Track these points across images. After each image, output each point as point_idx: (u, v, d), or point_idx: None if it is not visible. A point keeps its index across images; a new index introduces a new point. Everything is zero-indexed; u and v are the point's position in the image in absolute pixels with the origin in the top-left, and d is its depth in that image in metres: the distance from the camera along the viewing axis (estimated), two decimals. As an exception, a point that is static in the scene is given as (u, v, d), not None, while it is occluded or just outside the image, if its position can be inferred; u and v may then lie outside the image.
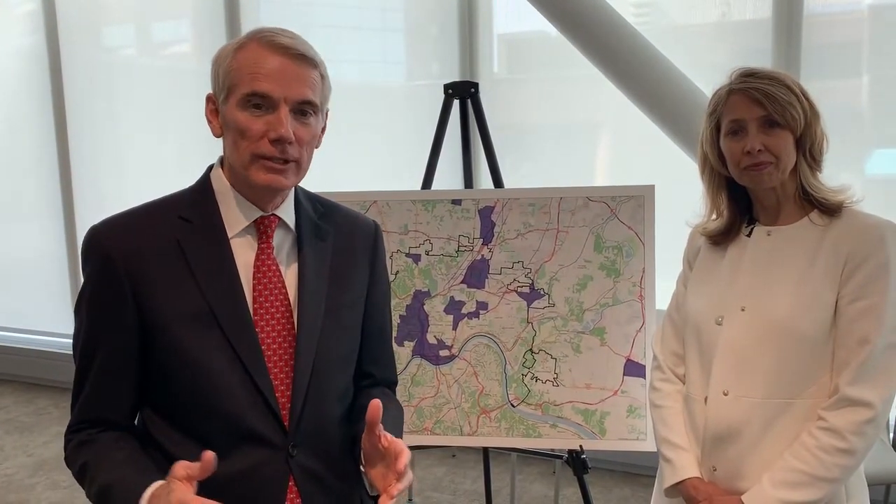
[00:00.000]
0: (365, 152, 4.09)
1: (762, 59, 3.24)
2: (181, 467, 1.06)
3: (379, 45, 4.32)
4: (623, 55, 3.06)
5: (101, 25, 4.98)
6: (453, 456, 3.86)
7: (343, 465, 1.32)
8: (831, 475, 1.44)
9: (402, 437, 1.39)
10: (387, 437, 1.18)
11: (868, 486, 1.60)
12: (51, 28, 4.96)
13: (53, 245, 5.18)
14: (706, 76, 1.62)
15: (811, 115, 1.51)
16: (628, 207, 2.24)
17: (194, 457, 1.18)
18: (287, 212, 1.31)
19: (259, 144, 1.19)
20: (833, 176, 1.58)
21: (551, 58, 3.71)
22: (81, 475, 1.24)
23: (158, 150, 4.76)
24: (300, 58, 1.21)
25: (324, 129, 1.30)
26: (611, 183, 3.67)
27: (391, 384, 1.51)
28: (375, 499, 1.34)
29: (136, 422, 1.31)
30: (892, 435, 2.81)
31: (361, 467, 1.26)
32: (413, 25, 4.19)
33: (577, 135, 3.77)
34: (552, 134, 3.81)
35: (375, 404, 1.15)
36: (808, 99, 1.52)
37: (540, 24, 3.29)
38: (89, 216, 4.98)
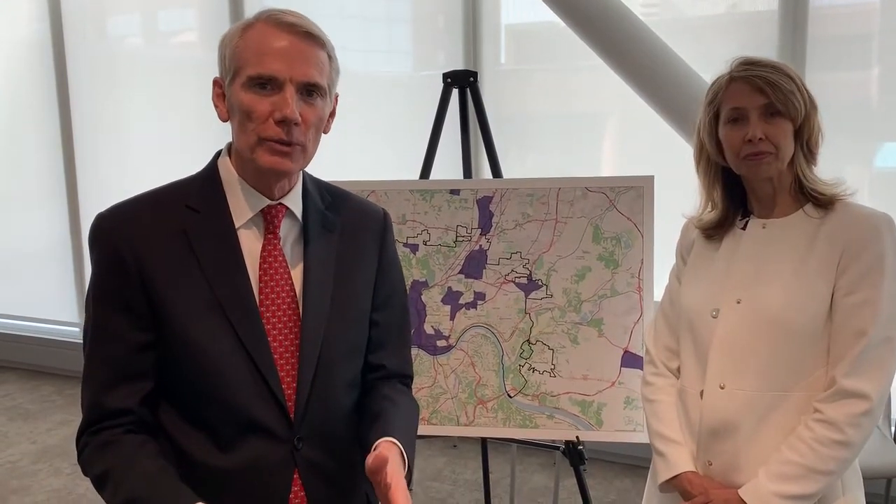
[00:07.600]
0: (372, 142, 4.08)
1: (769, 52, 3.22)
2: None
3: (385, 35, 4.31)
4: (627, 46, 3.04)
5: (105, 15, 4.98)
6: (454, 446, 3.86)
7: (349, 458, 1.31)
8: (828, 467, 1.43)
9: (415, 437, 1.34)
10: (390, 485, 1.13)
11: (868, 479, 1.59)
12: (55, 17, 4.96)
13: (57, 233, 5.19)
14: (714, 68, 1.60)
15: (810, 106, 1.50)
16: (627, 198, 2.22)
17: (201, 446, 1.20)
18: (294, 201, 1.29)
19: (265, 127, 1.17)
20: (841, 169, 1.57)
21: (558, 49, 3.69)
22: (102, 481, 1.19)
23: (162, 139, 4.77)
24: (307, 36, 1.19)
25: (333, 114, 1.29)
26: (619, 174, 3.64)
27: (404, 377, 1.45)
28: None
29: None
30: (893, 429, 2.79)
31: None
32: (419, 15, 4.17)
33: (584, 126, 3.75)
34: (559, 125, 3.79)
35: (381, 458, 1.11)
36: (807, 90, 1.50)
37: (547, 14, 3.27)
38: (93, 205, 4.99)
